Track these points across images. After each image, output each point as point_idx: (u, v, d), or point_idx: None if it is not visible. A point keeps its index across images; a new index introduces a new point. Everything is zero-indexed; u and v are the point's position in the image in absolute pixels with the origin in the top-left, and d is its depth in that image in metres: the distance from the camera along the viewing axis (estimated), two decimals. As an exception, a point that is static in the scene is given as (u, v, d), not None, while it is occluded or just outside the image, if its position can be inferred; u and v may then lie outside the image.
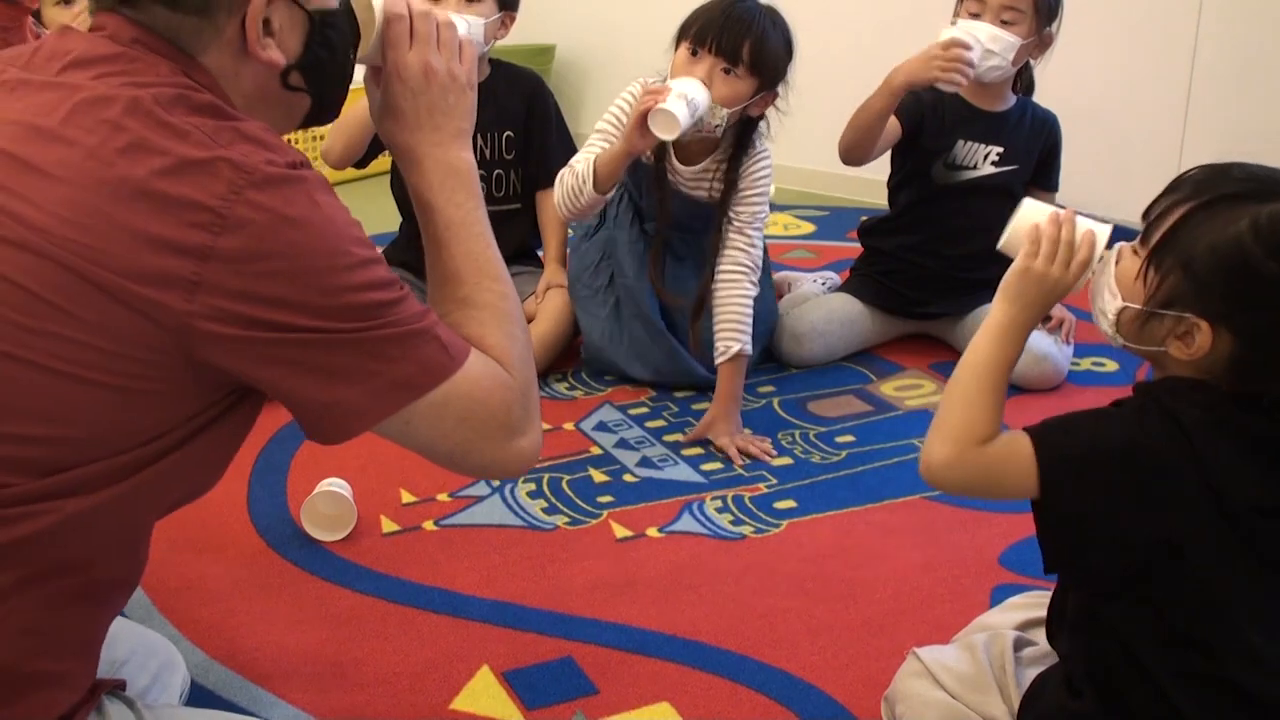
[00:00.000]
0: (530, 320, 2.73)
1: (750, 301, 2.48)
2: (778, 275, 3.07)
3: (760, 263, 2.55)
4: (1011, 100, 2.82)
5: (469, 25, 2.66)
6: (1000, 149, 2.78)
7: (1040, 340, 2.68)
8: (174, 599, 1.89)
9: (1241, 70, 3.48)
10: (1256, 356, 1.19)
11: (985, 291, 2.80)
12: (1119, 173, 3.66)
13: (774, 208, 3.98)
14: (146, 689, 1.38)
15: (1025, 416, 2.55)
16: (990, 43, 2.61)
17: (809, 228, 3.82)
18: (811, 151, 4.06)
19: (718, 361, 2.44)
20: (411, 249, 2.82)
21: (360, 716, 1.64)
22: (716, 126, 2.41)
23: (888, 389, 2.69)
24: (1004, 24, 2.62)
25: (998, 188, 2.79)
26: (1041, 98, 2.92)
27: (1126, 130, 3.67)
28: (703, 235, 2.64)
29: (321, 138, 4.32)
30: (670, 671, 1.73)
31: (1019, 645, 1.46)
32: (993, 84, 2.73)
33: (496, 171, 2.89)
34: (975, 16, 2.64)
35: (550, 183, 2.87)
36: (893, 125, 2.72)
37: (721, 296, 2.48)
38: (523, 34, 4.80)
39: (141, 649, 1.42)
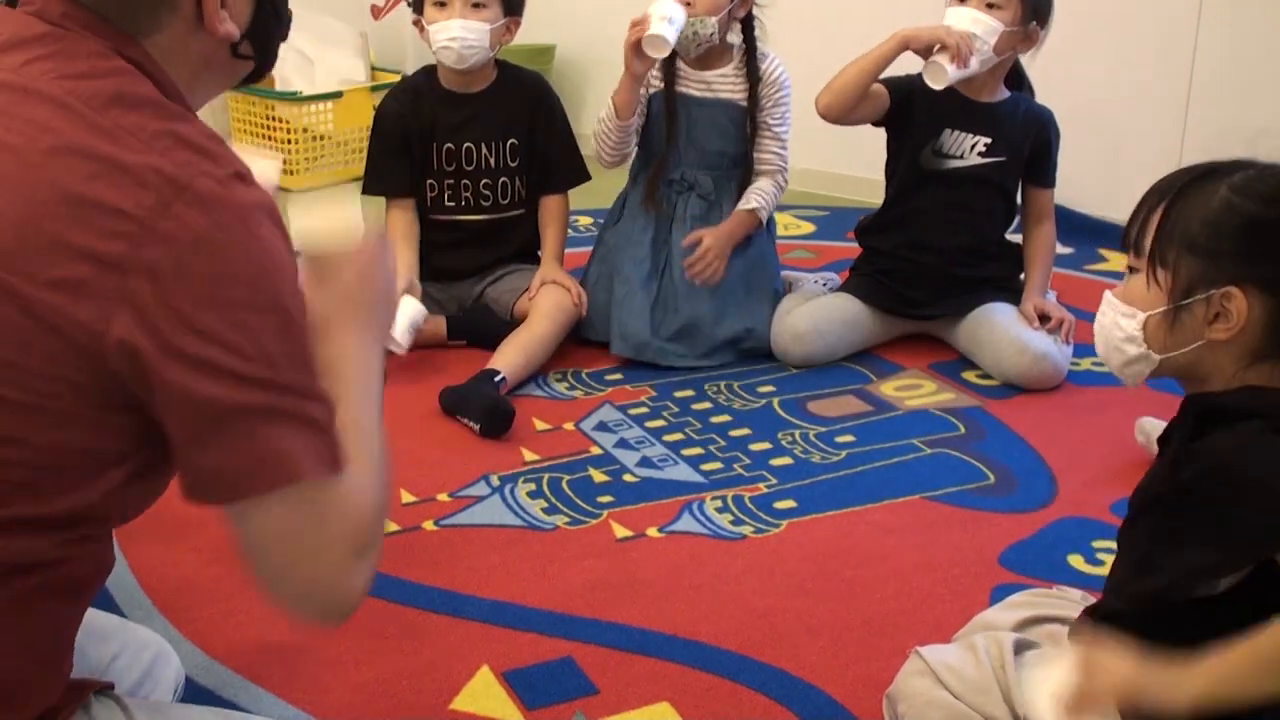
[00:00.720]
0: (524, 318, 2.74)
1: (779, 190, 2.85)
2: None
3: (788, 162, 2.86)
4: (1004, 94, 2.82)
5: (475, 33, 2.72)
6: (988, 139, 2.78)
7: (1040, 339, 2.68)
8: (174, 599, 1.89)
9: (1241, 70, 3.48)
10: None
11: (983, 290, 2.82)
12: (1119, 172, 3.65)
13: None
14: (139, 683, 1.37)
15: (1027, 415, 2.57)
16: (973, 25, 2.64)
17: (809, 228, 3.82)
18: (811, 151, 4.05)
19: (738, 208, 2.79)
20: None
21: (360, 716, 1.64)
22: (711, 35, 2.71)
23: (888, 389, 2.69)
24: (989, 7, 2.65)
25: (987, 179, 2.80)
26: (1042, 97, 2.91)
27: (1126, 130, 3.67)
28: (729, 176, 2.84)
29: (323, 138, 4.32)
30: (670, 671, 1.73)
31: (1019, 647, 1.45)
32: (985, 77, 2.74)
33: (501, 179, 2.89)
34: (962, 1, 2.68)
35: (554, 189, 2.92)
36: (880, 92, 2.74)
37: (757, 181, 2.83)
38: (523, 34, 4.77)
39: (133, 643, 1.41)
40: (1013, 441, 2.44)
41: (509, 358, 2.62)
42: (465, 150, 2.84)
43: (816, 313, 2.80)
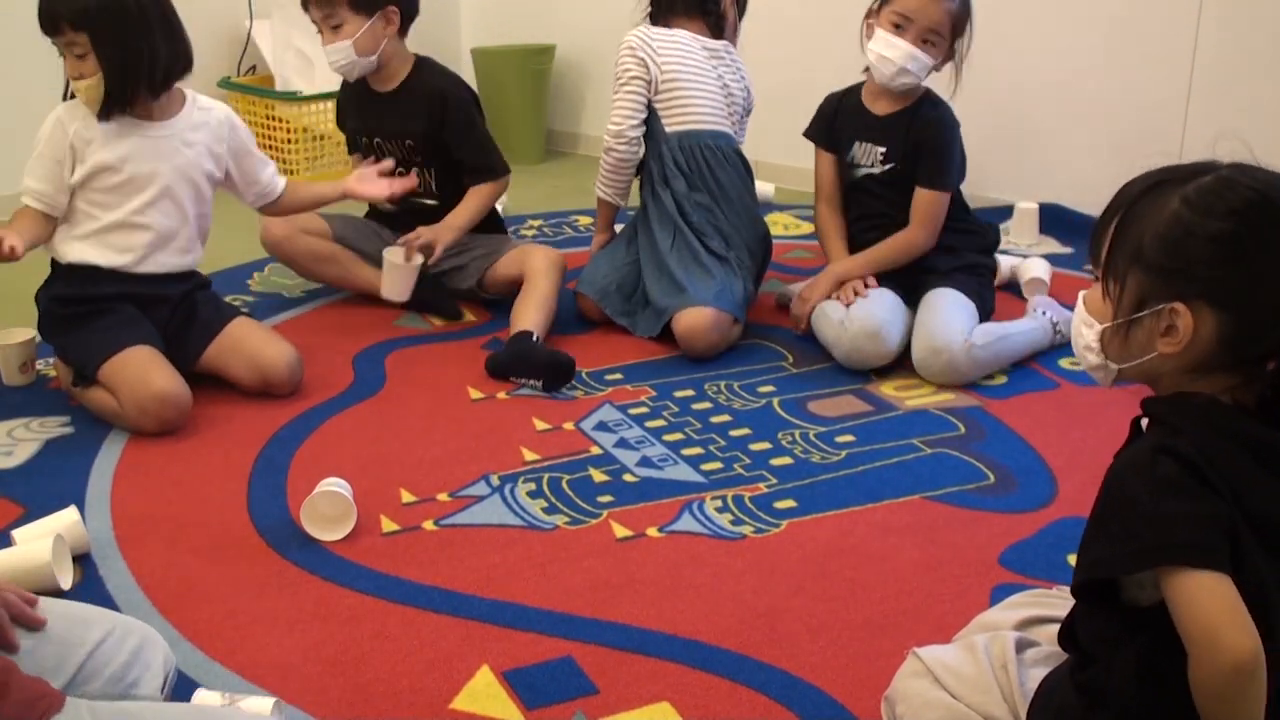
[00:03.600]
0: (495, 286, 3.05)
1: (606, 158, 3.02)
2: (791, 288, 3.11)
3: (609, 133, 2.98)
4: (906, 102, 2.84)
5: (339, 52, 2.96)
6: (883, 149, 2.86)
7: (944, 333, 2.66)
8: (174, 600, 1.89)
9: (1241, 70, 3.48)
10: (1240, 318, 1.18)
11: (935, 275, 2.83)
12: (1119, 173, 3.65)
13: (774, 208, 3.99)
14: (127, 665, 1.37)
15: (1027, 415, 2.57)
16: (906, 61, 2.72)
17: (809, 228, 3.82)
18: (811, 152, 4.05)
19: None
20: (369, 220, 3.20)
21: (360, 716, 1.64)
22: None
23: (888, 389, 2.69)
24: (924, 43, 2.72)
25: (890, 184, 2.87)
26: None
27: (1126, 130, 3.67)
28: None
29: (323, 138, 4.32)
30: (670, 671, 1.73)
31: (1020, 646, 1.45)
32: (897, 90, 2.82)
33: (412, 169, 3.08)
34: (898, 29, 2.73)
35: (473, 180, 3.09)
36: (829, 169, 2.96)
37: None
38: (523, 34, 4.81)
39: (118, 629, 1.40)
40: (1013, 441, 2.44)
41: (533, 318, 2.81)
42: (376, 144, 3.08)
43: (873, 307, 2.75)
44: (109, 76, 2.41)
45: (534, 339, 2.73)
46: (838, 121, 2.93)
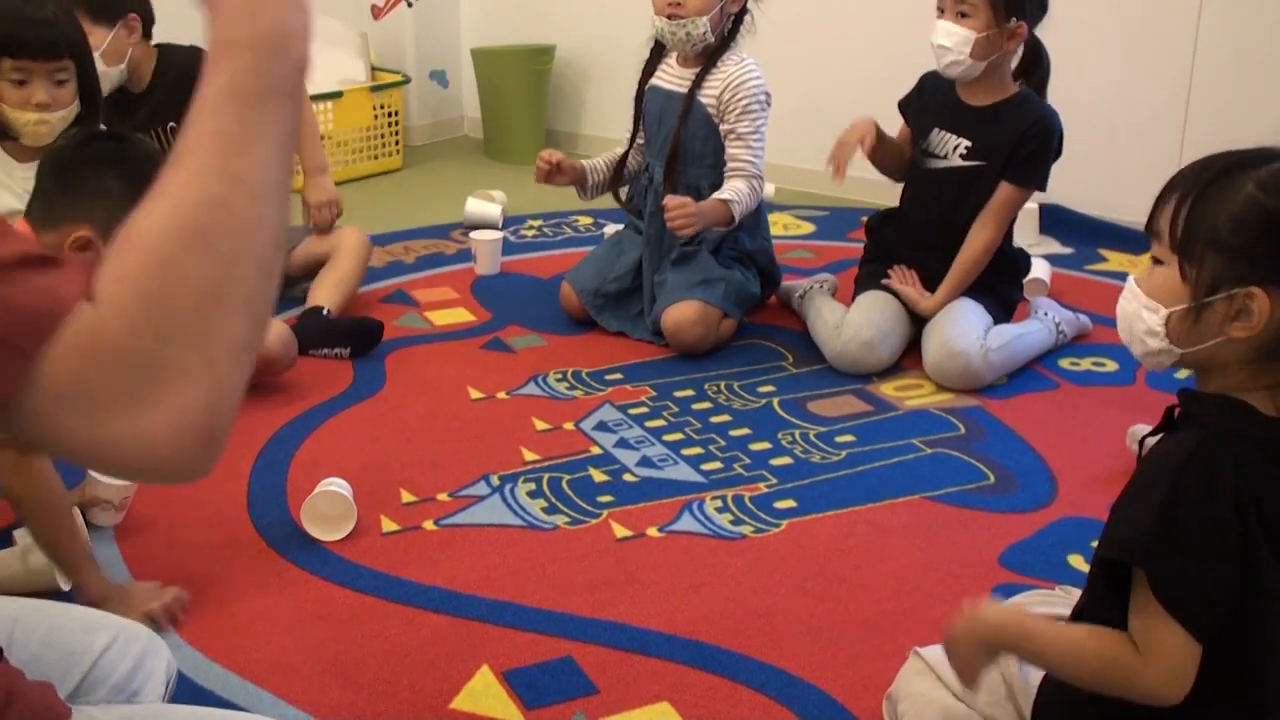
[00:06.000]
0: (310, 264, 3.01)
1: (755, 192, 2.82)
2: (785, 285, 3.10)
3: (762, 170, 2.87)
4: (1002, 96, 2.75)
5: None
6: (969, 143, 2.75)
7: (962, 338, 2.64)
8: (174, 599, 1.89)
9: (1241, 70, 3.48)
10: None
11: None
12: (1119, 172, 3.65)
13: (774, 208, 3.99)
14: (130, 674, 1.37)
15: (1027, 415, 2.56)
16: (943, 38, 2.65)
17: (809, 228, 3.82)
18: (812, 152, 4.05)
19: (713, 196, 2.81)
20: None
21: (360, 716, 1.64)
22: (704, 34, 2.80)
23: (888, 389, 2.69)
24: (961, 17, 2.63)
25: (964, 183, 2.75)
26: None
27: (1126, 130, 3.67)
28: (704, 175, 2.89)
29: (323, 138, 4.31)
30: (670, 671, 1.73)
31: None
32: (978, 79, 2.71)
33: None
34: (941, 13, 2.68)
35: None
36: (904, 132, 2.88)
37: (731, 180, 2.83)
38: (523, 34, 4.81)
39: (123, 635, 1.41)
40: (1013, 441, 2.44)
41: (325, 294, 2.90)
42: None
43: (872, 316, 2.75)
44: (86, 104, 2.36)
45: (324, 313, 2.83)
46: (922, 100, 2.84)
